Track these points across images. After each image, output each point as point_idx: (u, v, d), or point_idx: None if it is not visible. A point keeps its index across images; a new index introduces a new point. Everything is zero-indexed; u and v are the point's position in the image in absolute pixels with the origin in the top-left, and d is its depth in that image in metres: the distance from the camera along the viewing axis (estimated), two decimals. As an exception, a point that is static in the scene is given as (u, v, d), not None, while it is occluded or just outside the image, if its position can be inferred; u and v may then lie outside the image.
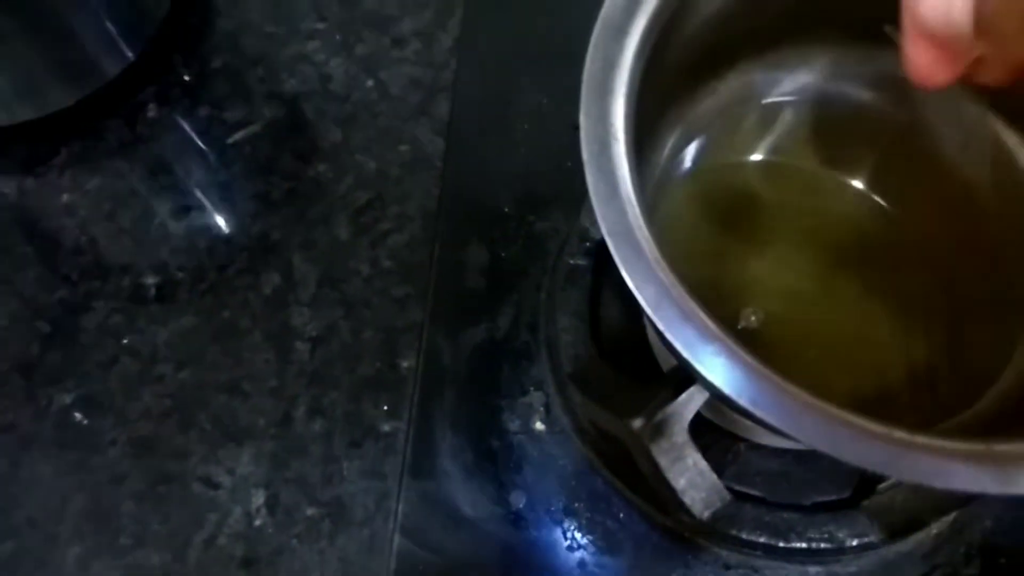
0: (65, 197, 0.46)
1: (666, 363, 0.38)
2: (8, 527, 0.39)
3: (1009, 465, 0.23)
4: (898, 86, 0.33)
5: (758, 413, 0.23)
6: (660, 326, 0.24)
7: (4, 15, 0.41)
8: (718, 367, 0.24)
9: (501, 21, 0.49)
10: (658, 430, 0.33)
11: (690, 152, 0.35)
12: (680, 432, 0.33)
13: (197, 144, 0.46)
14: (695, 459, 0.34)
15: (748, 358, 0.23)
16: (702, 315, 0.24)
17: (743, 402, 0.23)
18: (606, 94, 0.26)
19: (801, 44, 0.35)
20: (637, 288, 0.24)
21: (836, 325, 0.36)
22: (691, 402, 0.33)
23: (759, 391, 0.23)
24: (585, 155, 0.25)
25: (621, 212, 0.24)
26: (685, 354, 0.24)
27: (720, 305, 0.30)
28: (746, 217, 0.38)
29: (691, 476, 0.34)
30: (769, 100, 0.34)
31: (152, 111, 0.47)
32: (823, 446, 0.23)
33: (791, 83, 0.34)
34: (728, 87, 0.34)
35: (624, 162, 0.25)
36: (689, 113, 0.33)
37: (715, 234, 0.38)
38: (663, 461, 0.33)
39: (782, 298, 0.37)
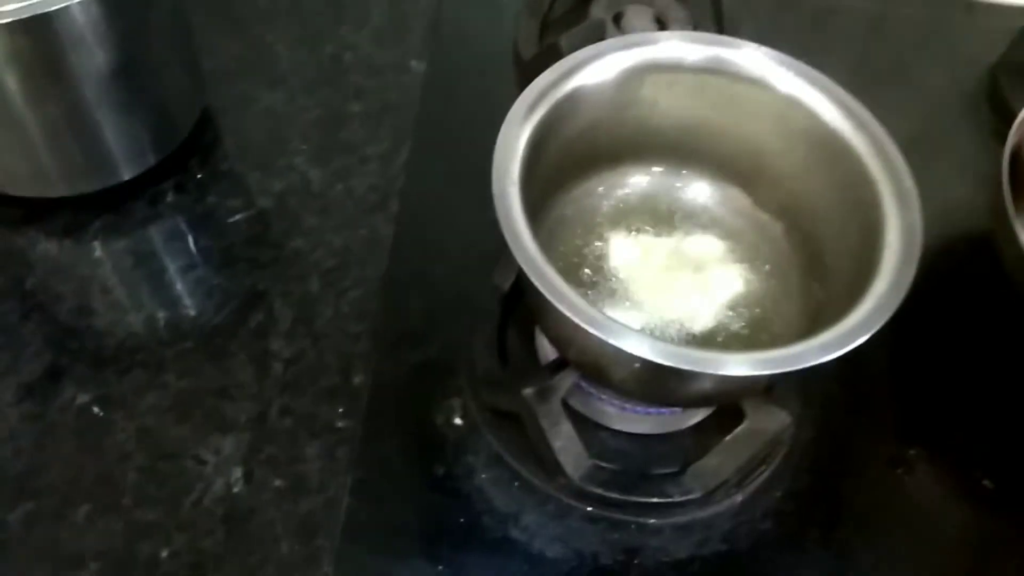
0: (97, 253, 0.59)
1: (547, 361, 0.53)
2: (31, 489, 0.49)
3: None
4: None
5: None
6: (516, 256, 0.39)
7: (60, 115, 0.56)
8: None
9: (440, 149, 0.67)
10: (542, 397, 0.47)
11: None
12: (556, 401, 0.48)
13: (205, 221, 0.61)
14: (567, 427, 0.48)
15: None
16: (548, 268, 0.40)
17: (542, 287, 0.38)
18: (508, 160, 0.43)
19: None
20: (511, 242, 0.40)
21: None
22: (565, 379, 0.48)
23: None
24: (494, 189, 0.41)
25: (513, 216, 0.40)
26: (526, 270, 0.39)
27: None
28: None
29: (564, 441, 0.48)
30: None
31: (170, 196, 0.62)
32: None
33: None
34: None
35: (517, 198, 0.42)
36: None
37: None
38: (544, 423, 0.47)
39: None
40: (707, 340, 0.48)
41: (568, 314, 0.38)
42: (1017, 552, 0.52)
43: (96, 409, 0.52)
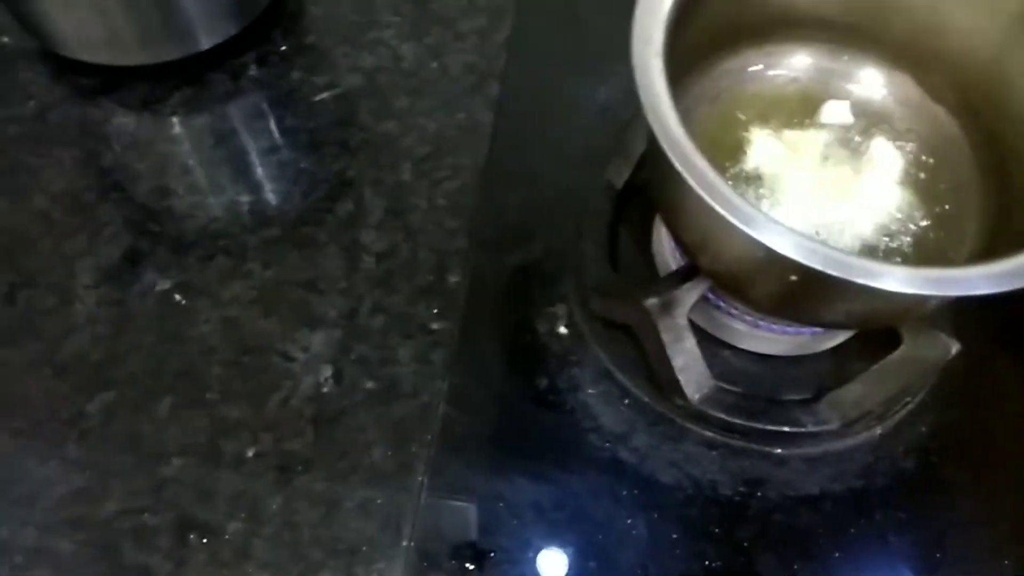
0: (176, 129, 0.55)
1: (667, 271, 0.47)
2: (110, 379, 0.46)
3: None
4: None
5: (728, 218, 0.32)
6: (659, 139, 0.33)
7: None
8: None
9: (545, 25, 0.60)
10: (665, 309, 0.42)
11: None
12: (681, 315, 0.42)
13: (289, 99, 0.56)
14: (691, 343, 0.43)
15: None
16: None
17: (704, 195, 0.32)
18: (652, 25, 0.36)
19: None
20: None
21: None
22: (693, 290, 0.42)
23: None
24: (634, 60, 0.34)
25: (656, 92, 0.34)
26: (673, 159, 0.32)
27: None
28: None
29: (686, 359, 0.43)
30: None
31: (253, 70, 0.57)
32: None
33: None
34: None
35: (661, 72, 0.35)
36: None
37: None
38: (667, 338, 0.42)
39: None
40: (864, 252, 0.41)
41: (718, 208, 0.32)
42: None
43: (178, 296, 0.49)
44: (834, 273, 0.31)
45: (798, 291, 0.36)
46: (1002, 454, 0.46)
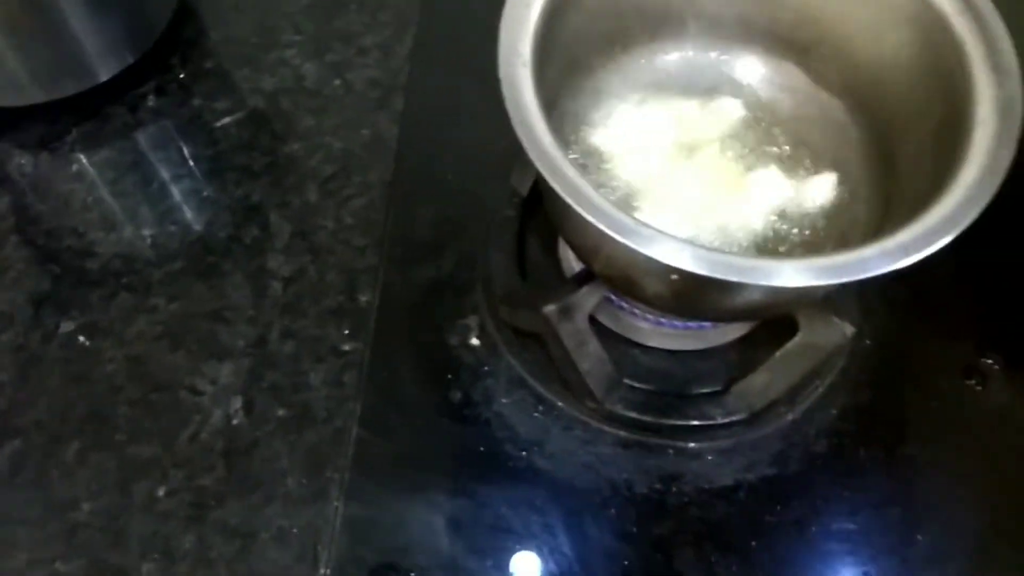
0: (75, 167, 0.54)
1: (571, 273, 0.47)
2: (17, 427, 0.45)
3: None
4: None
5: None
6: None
7: (27, 14, 0.50)
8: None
9: (448, 36, 0.59)
10: (564, 314, 0.42)
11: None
12: (582, 319, 0.42)
13: (190, 127, 0.55)
14: (595, 346, 0.43)
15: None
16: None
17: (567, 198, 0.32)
18: (518, 36, 0.36)
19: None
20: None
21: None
22: (591, 294, 0.42)
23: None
24: (501, 72, 0.34)
25: (524, 104, 0.34)
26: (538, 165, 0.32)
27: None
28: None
29: (592, 361, 0.43)
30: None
31: (152, 101, 0.56)
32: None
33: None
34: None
35: (530, 82, 0.35)
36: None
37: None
38: (569, 343, 0.42)
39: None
40: (755, 246, 0.42)
41: (591, 219, 0.32)
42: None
43: (82, 338, 0.48)
44: (705, 273, 0.32)
45: (683, 289, 0.36)
46: (911, 432, 0.46)
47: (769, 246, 0.42)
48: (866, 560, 0.43)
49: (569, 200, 0.33)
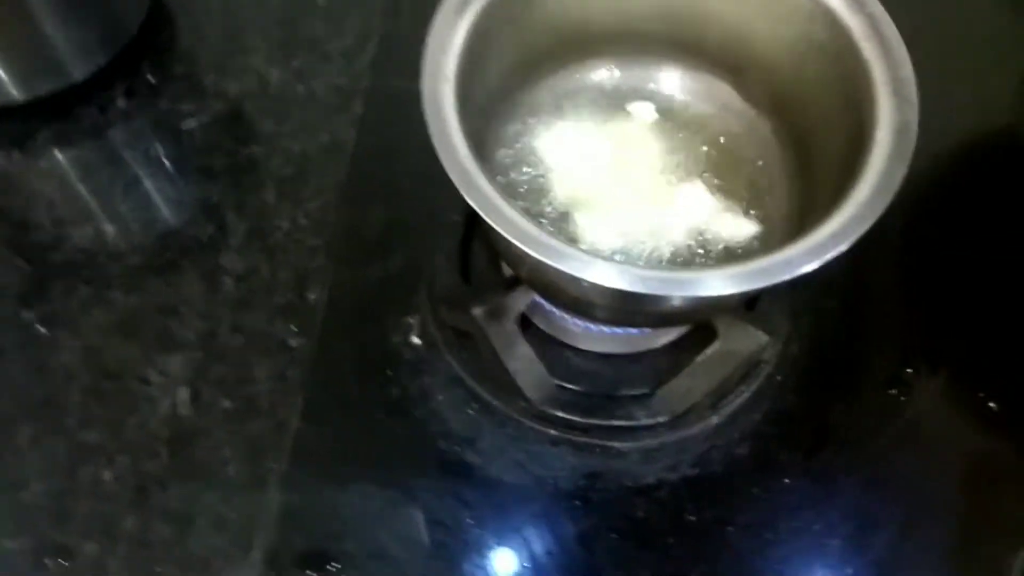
0: (44, 164, 0.56)
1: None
2: (-27, 411, 0.47)
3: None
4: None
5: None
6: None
7: (3, 18, 0.52)
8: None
9: (411, 45, 0.61)
10: (493, 316, 0.44)
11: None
12: (510, 322, 0.44)
13: (157, 129, 0.57)
14: (524, 349, 0.45)
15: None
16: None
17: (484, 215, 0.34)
18: (441, 53, 0.38)
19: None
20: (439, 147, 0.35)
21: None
22: (519, 298, 0.44)
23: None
24: (423, 87, 0.36)
25: (443, 117, 0.36)
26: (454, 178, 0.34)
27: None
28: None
29: (522, 362, 0.45)
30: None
31: (121, 103, 0.58)
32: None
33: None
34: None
35: (451, 97, 0.37)
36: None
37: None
38: (498, 344, 0.44)
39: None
40: (676, 257, 0.43)
41: (504, 232, 0.34)
42: (1021, 480, 0.48)
43: (41, 328, 0.50)
44: (605, 284, 0.33)
45: (597, 299, 0.38)
46: (832, 438, 0.48)
47: (695, 259, 0.43)
48: (780, 559, 0.45)
49: (483, 214, 0.35)
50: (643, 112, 0.46)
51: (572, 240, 0.43)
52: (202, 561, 0.44)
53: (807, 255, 0.34)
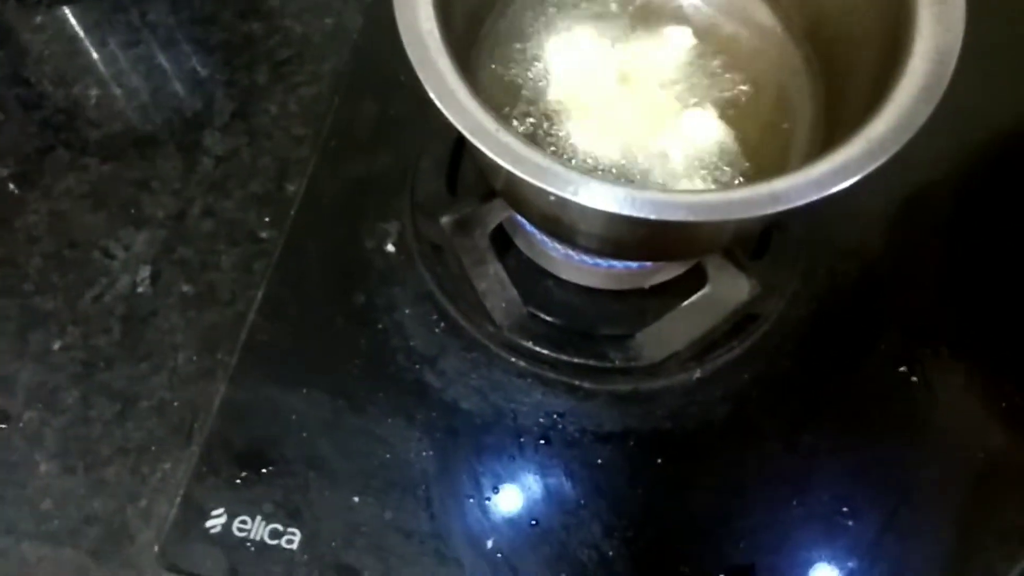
0: (38, 19, 0.53)
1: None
2: (-67, 262, 0.46)
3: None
4: None
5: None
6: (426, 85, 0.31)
7: None
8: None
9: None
10: (462, 228, 0.40)
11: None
12: (482, 237, 0.40)
13: (154, -6, 0.54)
14: (496, 268, 0.41)
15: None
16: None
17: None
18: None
19: None
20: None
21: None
22: (492, 211, 0.40)
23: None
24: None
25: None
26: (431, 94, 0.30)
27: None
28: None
29: (491, 283, 0.41)
30: None
31: (120, -34, 0.55)
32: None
33: None
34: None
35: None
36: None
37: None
38: (466, 260, 0.40)
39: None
40: (673, 182, 0.39)
41: (456, 124, 0.30)
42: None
43: (11, 186, 0.48)
44: (567, 196, 0.29)
45: (565, 216, 0.34)
46: (826, 411, 0.44)
47: (696, 183, 0.39)
48: (746, 531, 0.41)
49: (449, 115, 0.31)
50: (679, 37, 0.41)
51: (559, 148, 0.38)
52: (139, 446, 0.42)
53: (787, 194, 0.29)
